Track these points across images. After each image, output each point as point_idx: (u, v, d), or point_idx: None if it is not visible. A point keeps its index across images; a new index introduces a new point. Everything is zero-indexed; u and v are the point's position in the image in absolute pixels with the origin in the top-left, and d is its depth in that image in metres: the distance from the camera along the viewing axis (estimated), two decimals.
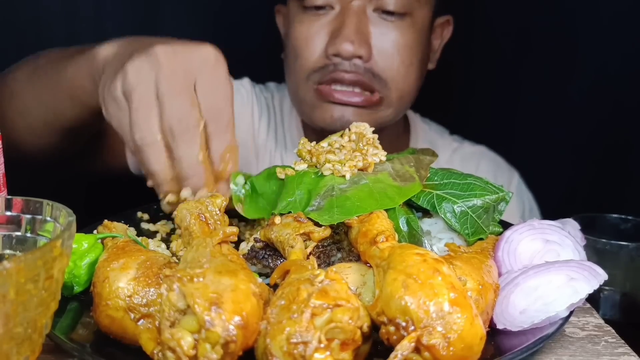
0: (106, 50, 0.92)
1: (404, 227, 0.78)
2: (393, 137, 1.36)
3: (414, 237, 0.77)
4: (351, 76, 1.21)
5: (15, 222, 0.65)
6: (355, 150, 0.83)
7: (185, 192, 0.80)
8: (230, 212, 0.96)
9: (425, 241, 0.79)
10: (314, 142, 0.85)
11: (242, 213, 0.84)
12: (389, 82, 1.23)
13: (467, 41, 1.57)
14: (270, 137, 1.42)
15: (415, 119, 1.49)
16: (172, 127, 0.78)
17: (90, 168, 1.29)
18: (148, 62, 0.80)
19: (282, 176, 0.82)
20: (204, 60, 0.82)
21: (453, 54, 1.43)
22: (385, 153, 0.85)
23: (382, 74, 1.22)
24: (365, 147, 0.83)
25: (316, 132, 1.30)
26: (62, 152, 1.13)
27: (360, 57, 1.20)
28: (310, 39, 1.23)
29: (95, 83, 0.93)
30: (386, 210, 0.75)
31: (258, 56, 1.57)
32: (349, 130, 0.86)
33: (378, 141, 0.85)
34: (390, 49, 1.22)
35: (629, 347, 0.69)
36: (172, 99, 0.78)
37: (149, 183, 0.84)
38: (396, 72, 1.23)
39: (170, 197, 0.82)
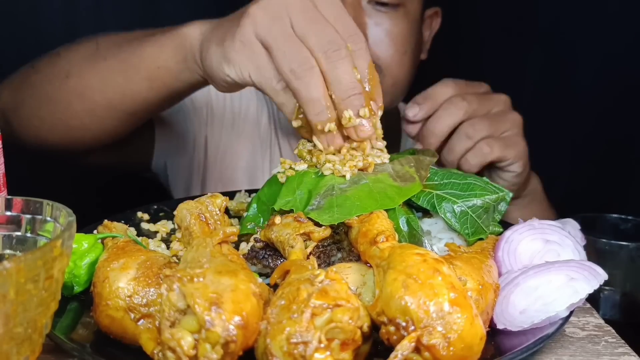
0: (197, 28, 0.92)
1: (404, 227, 0.78)
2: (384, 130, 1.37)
3: (414, 237, 0.77)
4: None
5: (15, 222, 0.65)
6: (352, 149, 0.83)
7: (348, 113, 0.79)
8: (230, 212, 0.96)
9: (426, 241, 0.79)
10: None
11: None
12: (384, 69, 1.26)
13: (457, 33, 1.59)
14: (271, 128, 1.44)
15: None
16: (325, 51, 0.78)
17: (111, 162, 1.29)
18: (277, 5, 0.80)
19: (283, 180, 0.82)
20: None
21: (445, 45, 1.46)
22: (389, 156, 0.85)
23: (377, 61, 1.24)
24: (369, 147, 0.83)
25: None
26: (111, 138, 1.12)
27: None
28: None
29: (185, 62, 0.93)
30: (386, 210, 0.75)
31: None
32: None
33: (383, 142, 0.86)
34: (385, 38, 1.25)
35: (629, 347, 0.69)
36: (314, 26, 0.79)
37: (295, 123, 0.84)
38: (391, 60, 1.26)
39: (330, 126, 0.80)
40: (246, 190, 1.04)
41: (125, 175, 1.50)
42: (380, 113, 0.82)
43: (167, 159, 1.41)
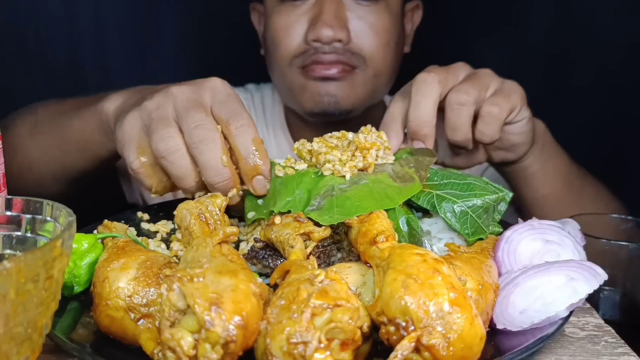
0: (114, 102, 0.98)
1: (404, 227, 0.78)
2: (369, 94, 1.38)
3: (414, 237, 0.77)
4: (331, 57, 1.26)
5: (15, 222, 0.65)
6: (348, 150, 0.83)
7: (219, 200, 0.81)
8: (230, 212, 0.96)
9: (425, 241, 0.79)
10: (309, 142, 0.86)
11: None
12: (367, 60, 1.28)
13: (443, 26, 1.61)
14: (261, 125, 1.47)
15: None
16: (191, 136, 0.80)
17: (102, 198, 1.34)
18: (164, 96, 0.85)
19: (281, 174, 0.82)
20: (213, 85, 0.87)
21: (429, 39, 1.47)
22: (394, 158, 0.85)
23: (360, 52, 1.28)
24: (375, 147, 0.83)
25: (300, 125, 1.39)
26: (71, 194, 1.18)
27: (339, 41, 1.25)
28: (290, 26, 1.28)
29: (106, 135, 0.99)
30: (386, 210, 0.75)
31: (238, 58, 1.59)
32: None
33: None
34: (368, 30, 1.27)
35: (628, 347, 0.69)
36: (188, 113, 0.82)
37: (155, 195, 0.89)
38: (374, 52, 1.28)
39: (232, 192, 0.84)
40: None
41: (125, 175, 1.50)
42: (268, 185, 0.84)
43: (143, 192, 1.41)
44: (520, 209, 1.21)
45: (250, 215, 0.83)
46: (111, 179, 1.36)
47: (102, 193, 1.36)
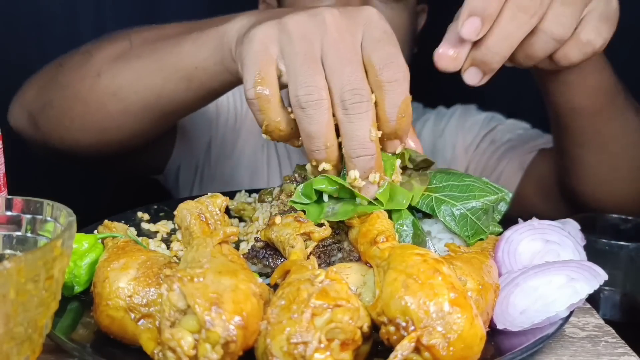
0: (240, 22, 0.84)
1: (409, 228, 0.78)
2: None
3: (418, 238, 0.77)
4: None
5: (15, 222, 0.65)
6: None
7: (354, 173, 0.71)
8: (230, 213, 0.96)
9: (429, 242, 0.79)
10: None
11: None
12: None
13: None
14: None
15: None
16: (343, 98, 0.69)
17: (130, 165, 1.28)
18: (313, 22, 0.73)
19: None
20: (368, 16, 0.74)
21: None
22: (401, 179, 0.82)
23: None
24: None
25: None
26: (145, 139, 1.09)
27: None
28: None
29: (223, 62, 0.86)
30: (392, 211, 0.76)
31: None
32: None
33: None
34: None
35: (629, 348, 0.69)
36: (343, 66, 0.70)
37: (298, 144, 0.77)
38: None
39: (325, 166, 0.73)
40: (246, 190, 1.04)
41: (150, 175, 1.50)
42: (400, 149, 0.76)
43: (181, 162, 1.41)
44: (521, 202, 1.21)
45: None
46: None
47: (152, 156, 1.32)
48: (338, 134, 0.73)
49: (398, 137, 0.74)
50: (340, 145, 0.73)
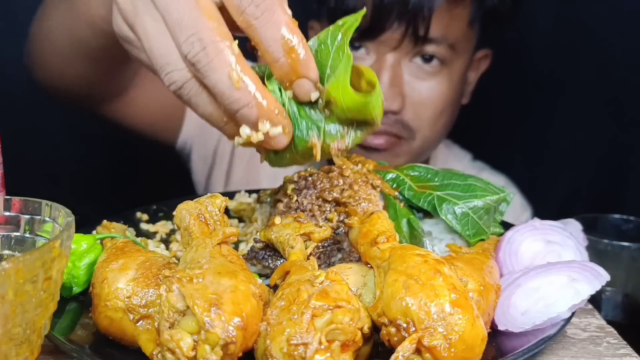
0: None
1: (405, 227, 0.77)
2: (411, 160, 1.33)
3: (415, 238, 0.77)
4: (380, 128, 1.20)
5: (14, 223, 0.65)
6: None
7: (244, 130, 0.61)
8: (230, 213, 0.96)
9: (427, 242, 0.78)
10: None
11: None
12: (416, 132, 1.23)
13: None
14: None
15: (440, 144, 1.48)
16: (188, 57, 0.59)
17: (109, 113, 1.25)
18: None
19: None
20: None
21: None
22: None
23: (411, 123, 1.22)
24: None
25: None
26: (91, 84, 1.09)
27: (393, 112, 1.20)
28: None
29: (108, 9, 0.76)
30: (388, 212, 0.75)
31: None
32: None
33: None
34: (424, 99, 1.21)
35: (630, 348, 0.68)
36: (172, 9, 0.59)
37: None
38: (426, 122, 1.23)
39: (237, 140, 0.63)
40: (246, 191, 1.04)
41: (124, 176, 1.50)
42: (315, 95, 0.62)
43: (193, 141, 1.39)
44: None
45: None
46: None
47: (160, 125, 1.30)
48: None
49: (301, 76, 0.60)
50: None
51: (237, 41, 0.58)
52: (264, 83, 0.62)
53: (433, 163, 1.44)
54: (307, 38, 0.62)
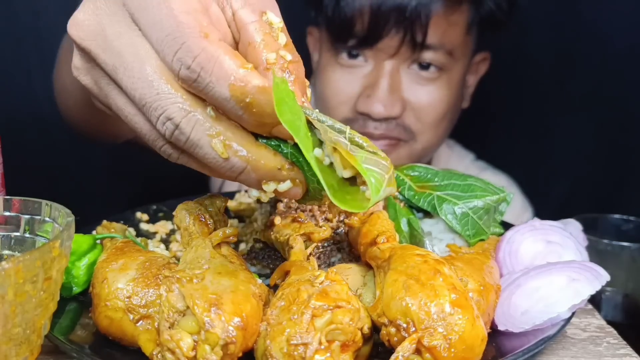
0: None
1: (405, 227, 0.77)
2: (412, 162, 1.32)
3: (415, 238, 0.77)
4: (381, 132, 1.21)
5: (13, 223, 0.65)
6: None
7: (252, 192, 0.57)
8: (229, 213, 0.96)
9: (427, 242, 0.78)
10: None
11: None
12: (417, 135, 1.24)
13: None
14: None
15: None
16: (164, 136, 0.54)
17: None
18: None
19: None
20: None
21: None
22: None
23: (412, 126, 1.23)
24: None
25: None
26: (112, 130, 1.07)
27: (392, 117, 1.20)
28: (342, 92, 1.22)
29: None
30: (388, 212, 0.75)
31: None
32: None
33: None
34: (423, 104, 1.22)
35: (630, 349, 0.68)
36: (133, 90, 0.53)
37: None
38: (427, 126, 1.23)
39: (281, 186, 0.56)
40: (246, 191, 1.04)
41: (124, 176, 1.50)
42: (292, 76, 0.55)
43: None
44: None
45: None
46: None
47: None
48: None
49: (275, 124, 0.53)
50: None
51: (211, 106, 0.52)
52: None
53: (435, 163, 1.44)
54: (304, 43, 0.57)
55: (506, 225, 0.83)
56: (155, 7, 0.51)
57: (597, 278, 0.67)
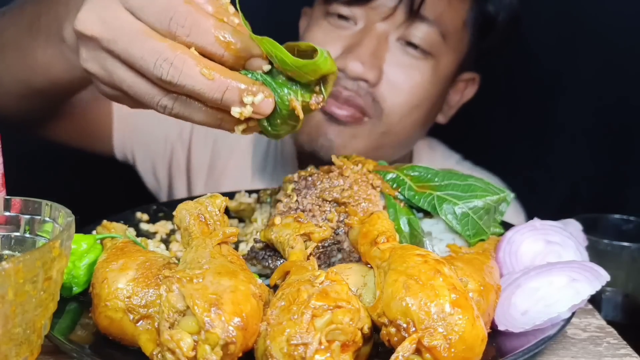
0: (70, 33, 0.81)
1: (405, 227, 0.77)
2: (369, 148, 1.21)
3: (415, 238, 0.77)
4: (349, 94, 1.13)
5: (14, 223, 0.65)
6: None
7: (235, 110, 0.67)
8: (230, 213, 0.96)
9: (427, 242, 0.78)
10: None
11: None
12: (384, 113, 1.14)
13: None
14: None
15: (421, 145, 1.41)
16: (160, 77, 0.66)
17: (52, 136, 1.28)
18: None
19: None
20: None
21: None
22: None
23: (382, 103, 1.14)
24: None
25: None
26: (29, 115, 1.14)
27: (366, 81, 1.12)
28: (322, 45, 1.17)
29: (70, 63, 0.87)
30: (387, 212, 0.75)
31: None
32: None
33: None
34: (402, 82, 1.14)
35: (631, 349, 0.68)
36: (133, 51, 0.67)
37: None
38: (398, 107, 1.14)
39: (237, 128, 0.71)
40: (246, 191, 1.04)
41: (124, 176, 1.49)
42: (267, 67, 0.69)
43: (134, 154, 1.38)
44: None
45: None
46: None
47: (91, 139, 1.33)
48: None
49: (248, 57, 0.68)
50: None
51: (192, 47, 0.67)
52: None
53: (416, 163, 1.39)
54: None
55: (506, 226, 0.83)
56: None
57: (597, 278, 0.67)
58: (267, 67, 0.69)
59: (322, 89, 0.70)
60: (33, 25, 0.95)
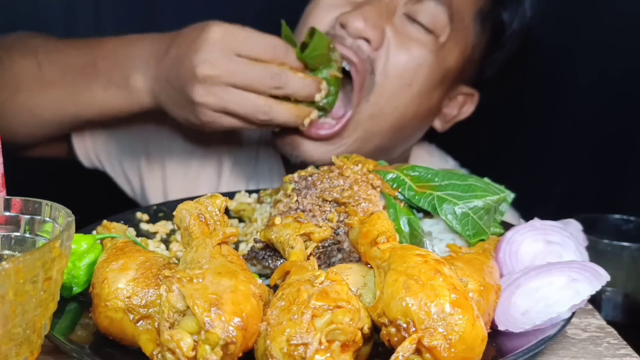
0: (141, 77, 1.05)
1: (405, 227, 0.77)
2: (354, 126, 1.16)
3: (415, 238, 0.77)
4: (349, 52, 1.07)
5: (14, 223, 0.65)
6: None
7: (306, 121, 1.06)
8: (230, 213, 0.96)
9: (427, 242, 0.78)
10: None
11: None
12: (376, 85, 1.08)
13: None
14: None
15: (418, 150, 1.36)
16: (274, 87, 0.99)
17: (55, 155, 1.33)
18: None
19: None
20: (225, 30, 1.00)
21: None
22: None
23: (376, 70, 1.08)
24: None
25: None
26: (53, 140, 1.23)
27: (367, 41, 1.07)
28: (326, 6, 1.12)
29: (134, 109, 1.09)
30: (387, 211, 0.75)
31: None
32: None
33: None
34: (397, 56, 1.08)
35: (631, 349, 0.68)
36: (248, 75, 1.00)
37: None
38: (390, 81, 1.09)
39: (307, 120, 1.06)
40: (246, 191, 1.03)
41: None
42: (324, 92, 1.06)
43: (102, 161, 1.36)
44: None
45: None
46: None
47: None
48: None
49: (309, 97, 1.04)
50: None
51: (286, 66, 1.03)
52: None
53: None
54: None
55: (506, 226, 0.83)
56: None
57: (597, 278, 0.67)
58: (324, 92, 1.06)
59: (333, 55, 1.06)
60: (87, 70, 1.08)
